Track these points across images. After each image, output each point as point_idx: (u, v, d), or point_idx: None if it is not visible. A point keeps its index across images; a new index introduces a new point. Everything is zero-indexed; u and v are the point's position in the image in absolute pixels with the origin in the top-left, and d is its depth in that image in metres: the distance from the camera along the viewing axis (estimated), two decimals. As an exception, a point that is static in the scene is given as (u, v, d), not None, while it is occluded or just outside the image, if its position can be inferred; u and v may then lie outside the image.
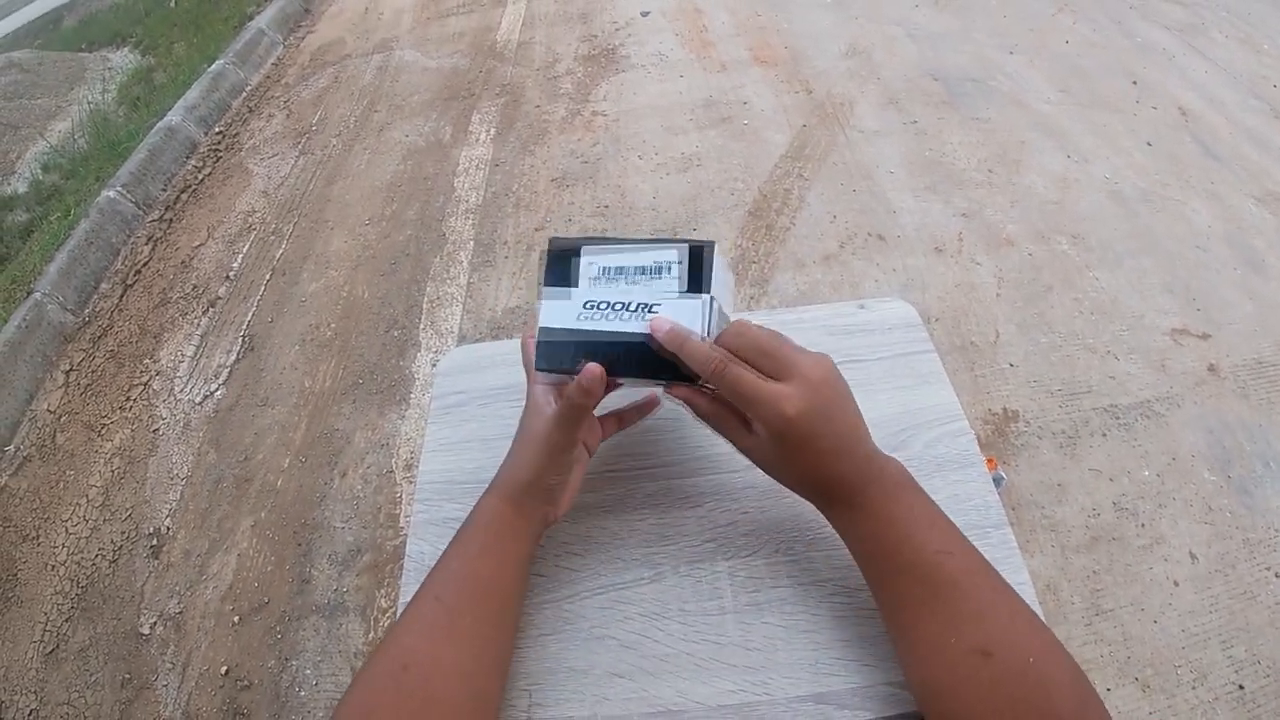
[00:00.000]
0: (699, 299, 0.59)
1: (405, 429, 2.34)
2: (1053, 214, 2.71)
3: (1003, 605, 0.53)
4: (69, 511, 2.33)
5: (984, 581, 0.54)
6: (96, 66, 4.99)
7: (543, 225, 2.94)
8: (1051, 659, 0.50)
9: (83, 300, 3.05)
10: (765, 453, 0.60)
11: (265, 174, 3.61)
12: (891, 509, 0.57)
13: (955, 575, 0.54)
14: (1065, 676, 0.49)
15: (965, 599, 0.53)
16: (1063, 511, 1.93)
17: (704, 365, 0.56)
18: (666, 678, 0.62)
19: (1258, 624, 1.72)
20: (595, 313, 0.61)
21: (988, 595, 0.53)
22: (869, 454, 0.59)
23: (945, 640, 0.52)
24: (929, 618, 0.53)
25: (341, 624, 1.95)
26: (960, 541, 0.56)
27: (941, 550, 0.55)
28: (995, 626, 0.51)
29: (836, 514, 0.60)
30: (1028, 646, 0.50)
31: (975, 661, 0.50)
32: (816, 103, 3.36)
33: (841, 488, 0.58)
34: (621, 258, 0.60)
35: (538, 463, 0.62)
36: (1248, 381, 2.17)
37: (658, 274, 0.60)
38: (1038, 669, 0.49)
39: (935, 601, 0.53)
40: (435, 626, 0.57)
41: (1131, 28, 3.80)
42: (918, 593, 0.54)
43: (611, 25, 4.24)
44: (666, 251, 0.60)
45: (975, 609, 0.52)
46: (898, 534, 0.56)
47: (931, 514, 0.57)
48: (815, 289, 2.51)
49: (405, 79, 4.14)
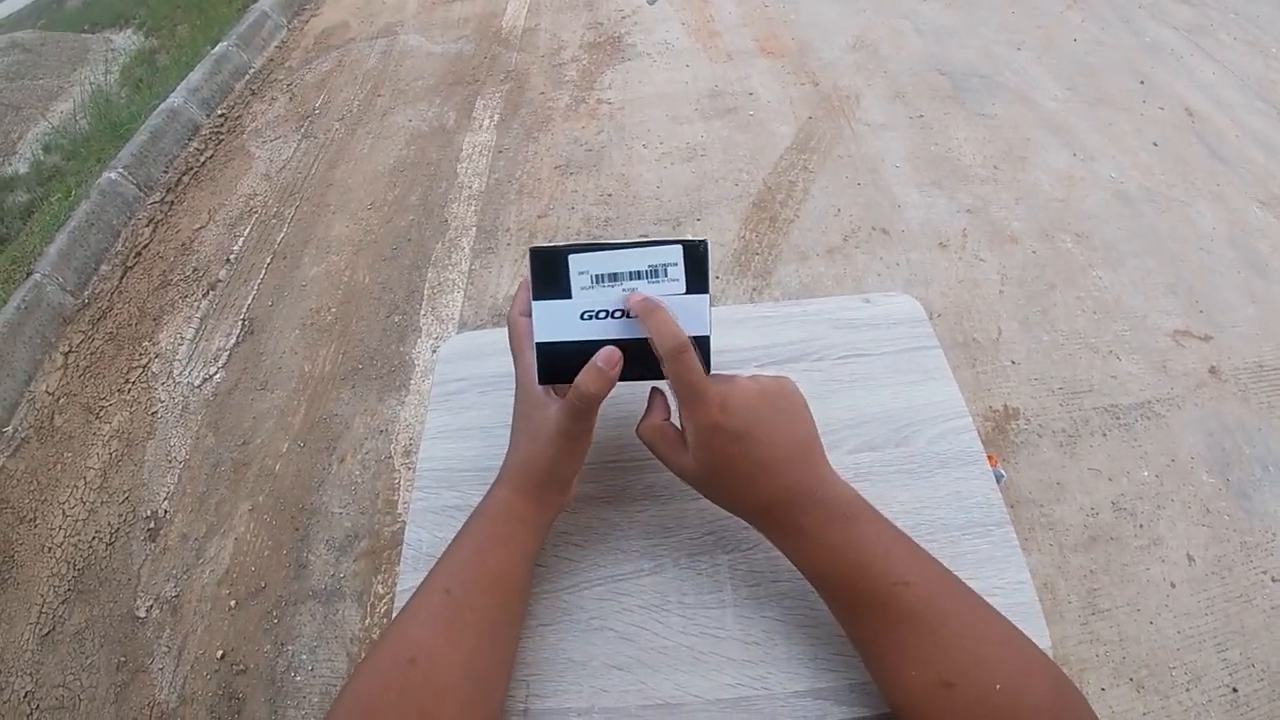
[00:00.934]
0: (703, 297, 0.60)
1: (405, 415, 2.34)
2: (1057, 212, 2.70)
3: (969, 634, 0.52)
4: (66, 493, 2.33)
5: (948, 608, 0.53)
6: (99, 47, 4.97)
7: (546, 212, 2.93)
8: (1024, 682, 0.49)
9: (82, 282, 3.04)
10: (694, 465, 0.59)
11: (267, 157, 3.60)
12: (836, 537, 0.56)
13: (913, 606, 0.52)
14: (1040, 698, 0.48)
15: (926, 631, 0.52)
16: (1061, 510, 1.93)
17: (667, 339, 0.56)
18: (665, 670, 0.62)
19: (1253, 627, 1.72)
20: (594, 321, 0.60)
21: (951, 624, 0.52)
22: (816, 476, 0.58)
23: (905, 672, 0.52)
24: (888, 650, 0.53)
25: (338, 609, 1.96)
26: (922, 569, 0.55)
27: (899, 582, 0.53)
28: (959, 656, 0.51)
29: (777, 537, 0.59)
30: (995, 674, 0.49)
31: (938, 693, 0.50)
32: (822, 95, 3.35)
33: (780, 509, 0.57)
34: (614, 262, 0.59)
35: (552, 454, 0.61)
36: (1248, 385, 2.17)
37: (655, 276, 0.59)
38: (1006, 694, 0.48)
39: (893, 635, 0.53)
40: (443, 619, 0.56)
41: (1140, 27, 3.79)
42: (875, 625, 0.54)
43: (617, 13, 4.23)
44: (664, 252, 0.59)
45: (937, 640, 0.51)
46: (847, 565, 0.55)
47: (887, 543, 0.56)
48: (818, 281, 2.50)
49: (409, 64, 4.12)
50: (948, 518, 0.68)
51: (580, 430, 0.61)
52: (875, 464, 0.72)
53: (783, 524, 0.57)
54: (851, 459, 0.73)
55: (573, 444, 0.62)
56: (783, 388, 0.59)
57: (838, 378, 0.80)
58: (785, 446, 0.57)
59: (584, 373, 0.58)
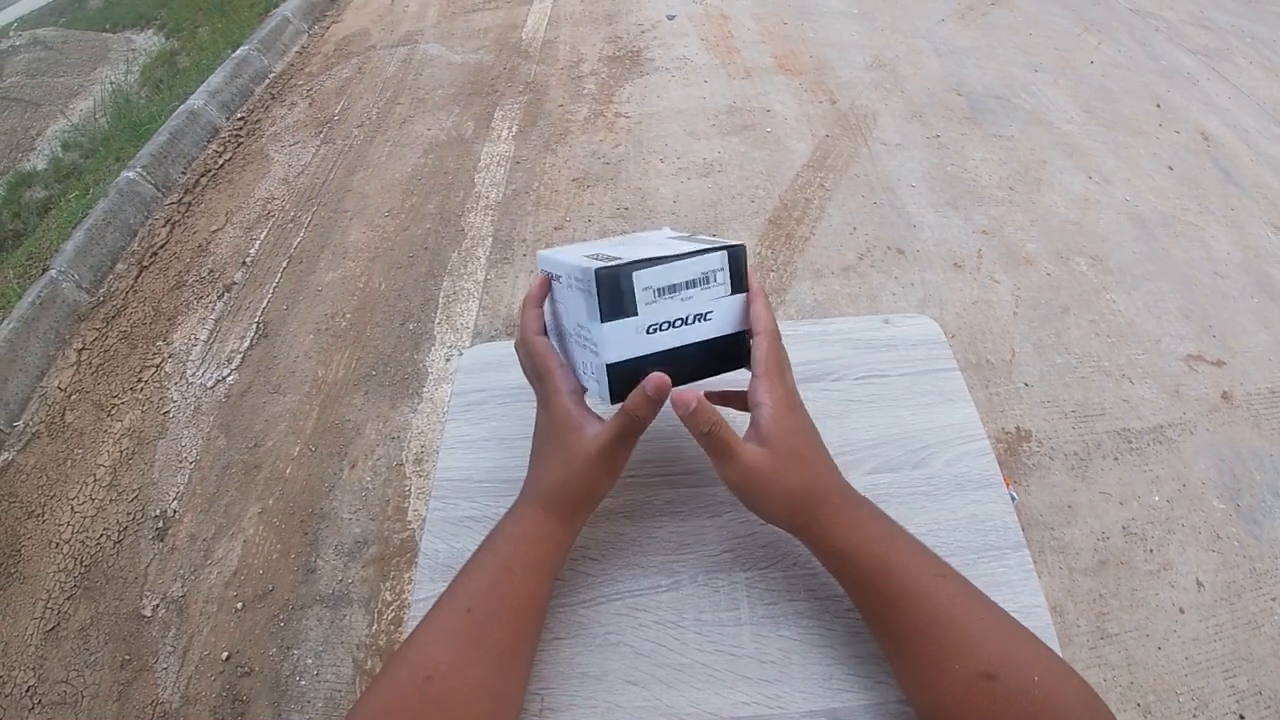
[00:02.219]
0: (740, 297, 0.62)
1: (417, 423, 2.35)
2: (1072, 234, 2.70)
3: (1002, 627, 0.53)
4: (75, 490, 2.34)
5: (980, 604, 0.54)
6: (120, 47, 5.01)
7: (562, 224, 2.94)
8: (1057, 677, 0.49)
9: (98, 280, 3.06)
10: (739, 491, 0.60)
11: (286, 162, 3.62)
12: (873, 530, 0.58)
13: (953, 598, 0.53)
14: (1073, 694, 0.49)
15: (964, 622, 0.52)
16: (1072, 533, 1.93)
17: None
18: (680, 687, 0.62)
19: (1261, 654, 1.72)
20: (659, 335, 0.61)
21: (987, 618, 0.53)
22: (842, 479, 0.60)
23: (947, 665, 0.51)
24: (931, 644, 0.53)
25: (345, 615, 1.96)
26: (948, 566, 0.56)
27: (936, 574, 0.55)
28: (997, 648, 0.51)
29: (813, 538, 0.60)
30: (1032, 667, 0.50)
31: (980, 685, 0.50)
32: (840, 113, 3.36)
33: (820, 507, 0.58)
34: (671, 273, 0.59)
35: (592, 475, 0.61)
36: (1261, 411, 2.16)
37: (706, 283, 0.61)
38: (1044, 687, 0.48)
39: (934, 627, 0.53)
40: (463, 639, 0.56)
41: (1157, 50, 3.80)
42: (914, 619, 0.54)
43: (637, 27, 4.24)
44: (710, 259, 0.60)
45: (975, 632, 0.52)
46: (893, 554, 0.56)
47: (912, 542, 0.57)
48: (833, 300, 2.50)
49: (429, 73, 4.14)
50: (964, 540, 0.68)
51: (624, 453, 0.62)
52: (893, 485, 0.72)
53: (824, 521, 0.58)
54: (869, 480, 0.73)
55: (612, 464, 0.62)
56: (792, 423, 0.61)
57: (856, 398, 0.80)
58: (808, 476, 0.59)
59: (634, 398, 0.59)
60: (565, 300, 0.64)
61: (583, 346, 0.62)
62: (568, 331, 0.65)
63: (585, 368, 0.63)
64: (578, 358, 0.64)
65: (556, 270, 0.65)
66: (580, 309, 0.61)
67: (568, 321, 0.65)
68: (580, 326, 0.62)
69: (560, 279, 0.64)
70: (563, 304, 0.65)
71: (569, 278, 0.62)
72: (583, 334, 0.62)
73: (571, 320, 0.64)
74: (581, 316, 0.61)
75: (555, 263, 0.65)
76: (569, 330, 0.65)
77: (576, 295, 0.61)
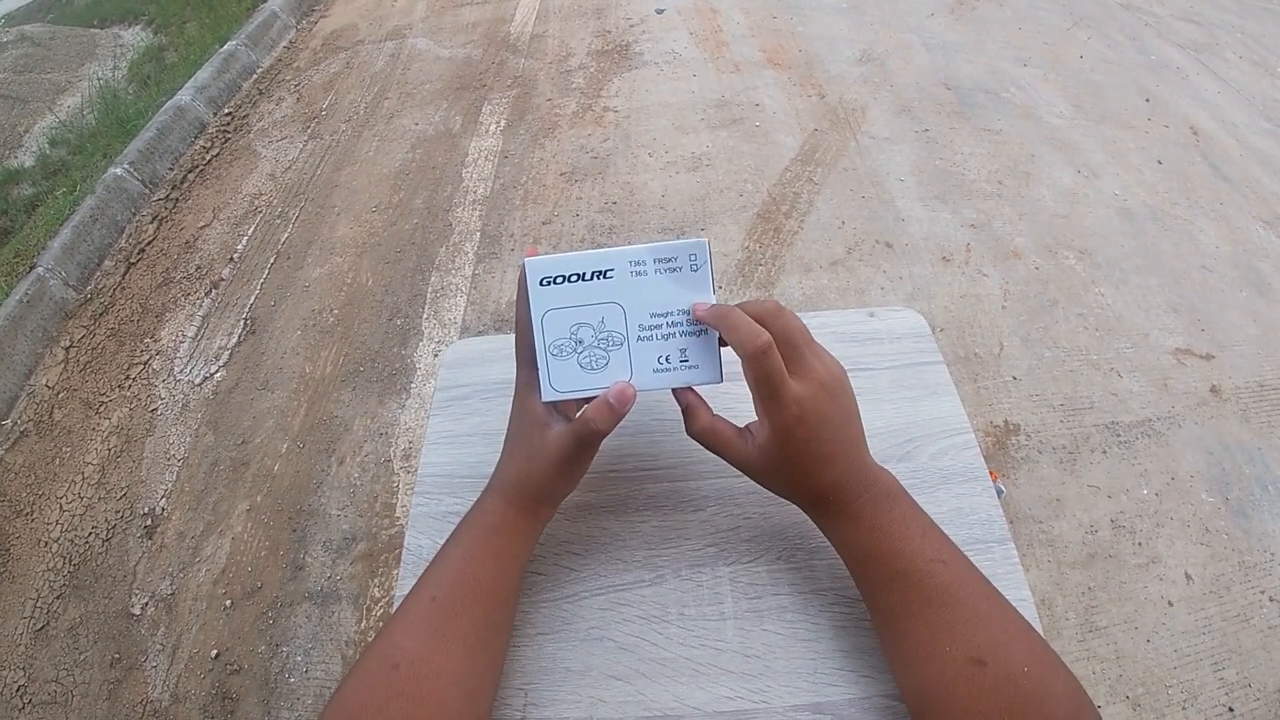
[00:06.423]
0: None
1: (405, 418, 2.34)
2: (1061, 228, 2.71)
3: (996, 615, 0.53)
4: (64, 488, 2.32)
5: (978, 591, 0.54)
6: (108, 43, 4.99)
7: (550, 219, 2.93)
8: (1046, 669, 0.50)
9: (85, 277, 3.04)
10: (761, 459, 0.59)
11: (273, 157, 3.60)
12: (882, 517, 0.57)
13: (949, 583, 0.53)
14: (1060, 686, 0.49)
15: (959, 607, 0.53)
16: (1060, 527, 1.93)
17: (749, 340, 0.55)
18: (664, 682, 0.61)
19: (1249, 647, 1.72)
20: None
21: (982, 604, 0.53)
22: (863, 463, 0.59)
23: (939, 648, 0.52)
24: (922, 626, 0.53)
25: (334, 612, 1.95)
26: (953, 551, 0.56)
27: (935, 559, 0.55)
28: (989, 635, 0.51)
29: (828, 522, 0.60)
30: (1022, 656, 0.50)
31: (969, 670, 0.50)
32: (829, 107, 3.36)
33: (835, 494, 0.58)
34: None
35: (551, 475, 0.61)
36: (1249, 404, 2.17)
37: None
38: (1032, 678, 0.49)
39: (928, 609, 0.53)
40: (429, 627, 0.56)
41: (1146, 45, 3.80)
42: (910, 601, 0.54)
43: (625, 21, 4.24)
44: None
45: (969, 617, 0.52)
46: (889, 542, 0.56)
47: (924, 524, 0.57)
48: (821, 294, 2.50)
49: (417, 67, 4.13)
50: (950, 533, 0.67)
51: (584, 458, 0.62)
52: (878, 478, 0.72)
53: (841, 507, 0.58)
54: (854, 473, 0.72)
55: (572, 468, 0.61)
56: (841, 381, 0.59)
57: (841, 391, 0.79)
58: (843, 442, 0.58)
59: (595, 407, 0.58)
60: (625, 292, 0.59)
61: (662, 338, 0.59)
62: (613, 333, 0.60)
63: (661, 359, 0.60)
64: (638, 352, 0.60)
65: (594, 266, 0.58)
66: (668, 292, 0.58)
67: (631, 316, 0.59)
68: (659, 315, 0.59)
69: (610, 273, 0.58)
70: (620, 299, 0.59)
71: (636, 264, 0.58)
72: (666, 320, 0.59)
73: (643, 311, 0.59)
74: (668, 301, 0.58)
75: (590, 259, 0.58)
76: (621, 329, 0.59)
77: (659, 280, 0.58)
